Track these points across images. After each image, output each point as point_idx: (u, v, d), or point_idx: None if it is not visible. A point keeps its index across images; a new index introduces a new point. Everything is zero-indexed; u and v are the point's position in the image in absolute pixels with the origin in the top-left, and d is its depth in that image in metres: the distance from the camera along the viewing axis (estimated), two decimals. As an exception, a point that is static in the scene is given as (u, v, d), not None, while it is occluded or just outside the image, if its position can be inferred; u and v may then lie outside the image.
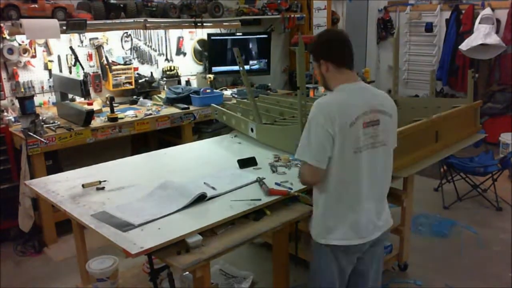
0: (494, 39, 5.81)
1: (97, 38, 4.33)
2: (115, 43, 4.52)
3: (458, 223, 3.93)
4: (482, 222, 3.98)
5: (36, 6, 3.64)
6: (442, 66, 6.66)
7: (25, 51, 3.91)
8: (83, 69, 4.26)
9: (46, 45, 4.08)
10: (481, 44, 5.83)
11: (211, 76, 5.07)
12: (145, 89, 4.62)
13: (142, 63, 4.79)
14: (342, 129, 1.80)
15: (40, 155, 3.44)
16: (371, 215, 1.93)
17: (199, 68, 5.28)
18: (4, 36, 3.70)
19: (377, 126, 1.88)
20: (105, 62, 4.32)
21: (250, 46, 5.38)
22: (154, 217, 1.98)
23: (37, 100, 3.98)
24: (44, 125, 3.54)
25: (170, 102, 4.40)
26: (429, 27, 6.86)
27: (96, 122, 3.77)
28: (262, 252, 3.46)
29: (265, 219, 2.07)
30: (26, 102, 3.42)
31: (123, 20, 4.24)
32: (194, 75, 5.20)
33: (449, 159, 4.18)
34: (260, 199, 2.14)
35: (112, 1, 4.14)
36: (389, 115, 1.94)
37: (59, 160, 3.87)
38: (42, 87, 4.09)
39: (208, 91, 4.48)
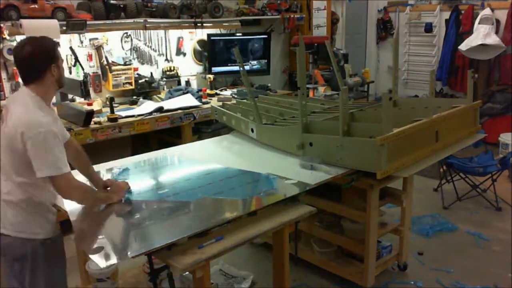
0: (493, 39, 5.82)
1: (97, 39, 4.33)
2: (115, 43, 4.53)
3: (460, 227, 3.94)
4: (482, 222, 3.99)
5: (36, 6, 3.64)
6: (442, 66, 6.67)
7: (25, 51, 3.91)
8: (83, 69, 4.26)
9: (46, 45, 4.07)
10: (481, 45, 5.84)
11: (211, 76, 5.07)
12: (145, 89, 4.62)
13: (142, 64, 4.80)
14: None
15: (40, 155, 3.44)
16: None
17: (199, 68, 5.28)
18: (4, 36, 3.70)
19: None
20: (105, 62, 4.32)
21: (250, 46, 5.38)
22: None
23: (37, 100, 3.98)
24: (44, 125, 3.53)
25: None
26: (428, 28, 6.87)
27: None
28: (262, 252, 3.46)
29: (266, 219, 2.07)
30: (26, 102, 3.41)
31: (123, 21, 4.24)
32: (194, 75, 5.20)
33: (449, 159, 4.19)
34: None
35: (112, 2, 4.14)
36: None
37: (59, 160, 3.86)
38: (42, 88, 4.09)
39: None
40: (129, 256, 1.70)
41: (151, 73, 4.77)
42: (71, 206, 2.12)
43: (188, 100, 4.40)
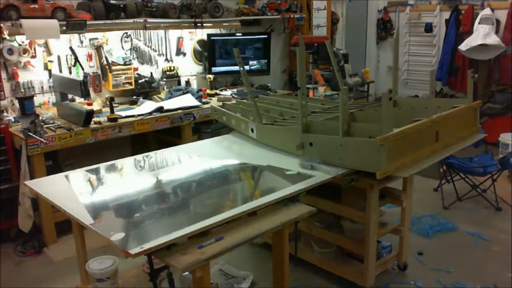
0: (493, 39, 5.81)
1: (97, 39, 4.33)
2: (115, 43, 4.53)
3: (460, 227, 3.93)
4: (482, 222, 3.99)
5: (36, 6, 3.64)
6: (442, 66, 6.66)
7: (25, 51, 3.91)
8: (83, 69, 4.27)
9: (46, 45, 4.08)
10: (481, 45, 5.84)
11: (211, 76, 5.07)
12: (145, 89, 4.62)
13: (142, 63, 4.80)
14: None
15: (40, 155, 3.44)
16: None
17: (199, 68, 5.28)
18: (4, 36, 3.70)
19: None
20: (105, 62, 4.32)
21: (250, 46, 5.38)
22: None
23: (37, 100, 3.99)
24: (44, 125, 3.54)
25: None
26: (428, 28, 6.87)
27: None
28: (262, 252, 3.46)
29: (265, 219, 2.07)
30: (26, 103, 3.42)
31: (123, 21, 4.24)
32: (194, 75, 5.20)
33: (449, 159, 4.18)
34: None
35: (112, 1, 4.14)
36: None
37: (59, 160, 3.87)
38: (42, 87, 4.09)
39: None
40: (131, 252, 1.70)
41: (151, 73, 4.77)
42: (86, 200, 2.11)
43: (188, 100, 4.41)
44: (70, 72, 4.25)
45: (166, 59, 4.98)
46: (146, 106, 4.22)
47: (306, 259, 3.15)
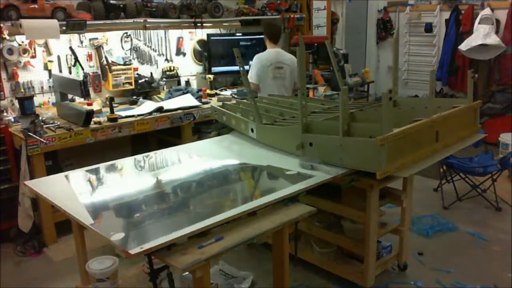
0: (493, 39, 5.82)
1: (96, 39, 4.34)
2: (115, 43, 4.53)
3: (460, 227, 3.93)
4: (482, 222, 3.99)
5: (36, 6, 3.64)
6: (442, 66, 6.67)
7: (25, 51, 3.91)
8: (82, 69, 4.27)
9: (46, 45, 4.08)
10: (481, 45, 5.84)
11: (211, 76, 5.07)
12: (144, 89, 4.62)
13: (142, 64, 4.80)
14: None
15: (40, 155, 3.44)
16: None
17: (199, 68, 5.28)
18: (4, 36, 3.70)
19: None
20: (105, 62, 4.32)
21: (250, 46, 5.37)
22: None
23: (37, 100, 3.99)
24: (44, 125, 3.54)
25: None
26: (428, 28, 6.87)
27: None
28: (262, 252, 3.46)
29: (265, 219, 2.07)
30: (25, 103, 3.42)
31: (122, 21, 4.24)
32: (194, 75, 5.20)
33: (449, 159, 4.18)
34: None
35: (112, 2, 4.14)
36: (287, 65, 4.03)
37: (59, 160, 3.87)
38: (42, 88, 4.09)
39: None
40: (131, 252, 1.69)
41: (151, 73, 4.77)
42: (86, 200, 2.11)
43: (188, 100, 4.41)
44: (70, 72, 4.25)
45: (166, 59, 4.98)
46: (146, 106, 4.22)
47: (306, 259, 3.15)
